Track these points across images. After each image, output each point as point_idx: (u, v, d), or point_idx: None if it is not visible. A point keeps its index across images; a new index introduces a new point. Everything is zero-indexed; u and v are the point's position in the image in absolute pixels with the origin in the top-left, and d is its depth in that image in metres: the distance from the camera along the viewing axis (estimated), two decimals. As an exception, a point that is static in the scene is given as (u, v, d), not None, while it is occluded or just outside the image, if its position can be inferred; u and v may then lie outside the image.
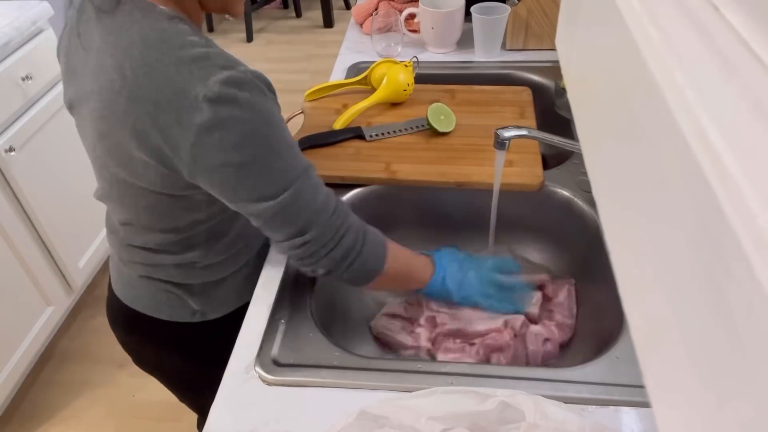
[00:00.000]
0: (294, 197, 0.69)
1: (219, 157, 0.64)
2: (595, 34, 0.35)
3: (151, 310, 0.88)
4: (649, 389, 0.24)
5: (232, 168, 0.65)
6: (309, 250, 0.72)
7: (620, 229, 0.28)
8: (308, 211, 0.70)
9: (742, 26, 0.20)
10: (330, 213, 0.72)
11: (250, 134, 0.64)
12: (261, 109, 0.65)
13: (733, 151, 0.17)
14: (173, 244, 0.81)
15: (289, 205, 0.69)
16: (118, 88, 0.65)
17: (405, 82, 1.13)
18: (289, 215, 0.70)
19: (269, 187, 0.68)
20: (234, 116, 0.63)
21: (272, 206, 0.68)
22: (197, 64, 0.63)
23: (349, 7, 3.87)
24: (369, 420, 0.63)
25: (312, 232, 0.71)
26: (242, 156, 0.64)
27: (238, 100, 0.63)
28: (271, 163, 0.66)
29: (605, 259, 0.88)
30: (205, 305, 0.88)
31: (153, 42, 0.64)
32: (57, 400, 1.74)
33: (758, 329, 0.15)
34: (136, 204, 0.77)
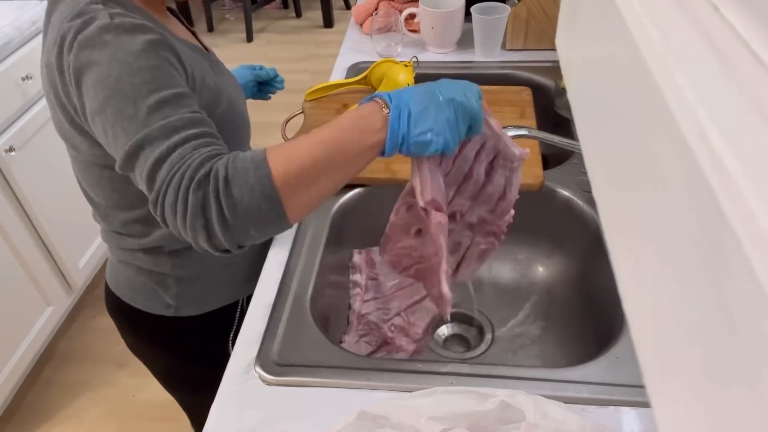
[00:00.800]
0: (142, 144, 0.60)
1: (88, 105, 0.64)
2: (595, 34, 0.35)
3: (129, 298, 0.89)
4: (649, 389, 0.24)
5: (96, 115, 0.64)
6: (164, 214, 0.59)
7: (620, 229, 0.28)
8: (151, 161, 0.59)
9: (742, 26, 0.20)
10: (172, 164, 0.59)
11: (104, 77, 0.62)
12: (120, 52, 0.63)
13: (733, 151, 0.17)
14: (134, 225, 0.81)
15: (137, 155, 0.60)
16: (42, 62, 0.71)
17: (405, 82, 1.13)
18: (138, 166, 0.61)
19: (121, 135, 0.61)
20: (91, 60, 0.63)
21: (124, 156, 0.61)
22: (85, 24, 0.64)
23: (349, 7, 3.87)
24: (369, 420, 0.63)
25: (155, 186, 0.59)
26: (98, 102, 0.63)
27: (98, 42, 0.63)
28: (122, 110, 0.61)
29: (605, 259, 0.88)
30: (179, 300, 0.87)
31: (67, 14, 0.66)
32: (57, 400, 1.74)
33: (758, 329, 0.15)
34: (87, 180, 0.79)
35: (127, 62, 0.62)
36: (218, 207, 0.56)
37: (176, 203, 0.57)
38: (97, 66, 0.62)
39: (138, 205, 0.79)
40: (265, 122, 1.80)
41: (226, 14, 3.99)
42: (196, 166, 0.58)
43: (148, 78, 0.62)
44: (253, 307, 0.83)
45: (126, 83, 0.62)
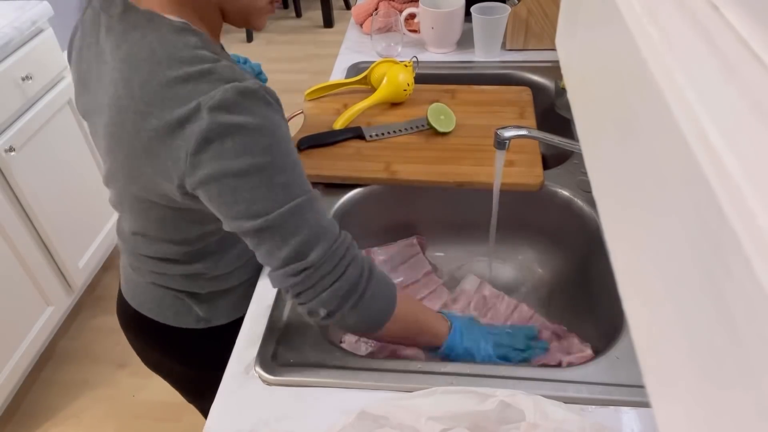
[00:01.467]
0: (292, 214, 0.64)
1: (216, 166, 0.62)
2: (595, 34, 0.35)
3: (156, 315, 0.88)
4: (649, 389, 0.24)
5: (229, 177, 0.62)
6: (308, 279, 0.65)
7: (620, 229, 0.28)
8: (308, 231, 0.65)
9: (742, 26, 0.20)
10: (333, 239, 0.66)
11: (250, 143, 0.62)
12: (263, 120, 0.63)
13: (733, 151, 0.17)
14: (183, 255, 0.81)
15: (287, 222, 0.64)
16: (127, 104, 0.65)
17: (405, 82, 1.13)
18: (285, 233, 0.64)
19: (266, 202, 0.63)
20: (234, 123, 0.61)
21: (267, 221, 0.63)
22: (204, 78, 0.62)
23: (349, 7, 3.87)
24: (369, 420, 0.63)
25: (312, 256, 0.65)
26: (240, 165, 0.62)
27: (240, 108, 0.61)
28: (272, 177, 0.63)
29: (605, 259, 0.88)
30: (211, 313, 0.88)
31: (161, 57, 0.63)
32: (57, 400, 1.74)
33: (758, 329, 0.15)
34: (147, 216, 0.77)
35: (273, 131, 0.63)
36: (359, 295, 0.68)
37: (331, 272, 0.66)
38: (243, 130, 0.61)
39: (194, 241, 0.79)
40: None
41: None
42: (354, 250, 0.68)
43: (290, 148, 0.65)
44: (253, 308, 0.83)
45: (276, 153, 0.63)
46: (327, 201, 0.99)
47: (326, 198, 0.99)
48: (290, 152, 0.65)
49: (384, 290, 0.71)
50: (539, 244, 1.06)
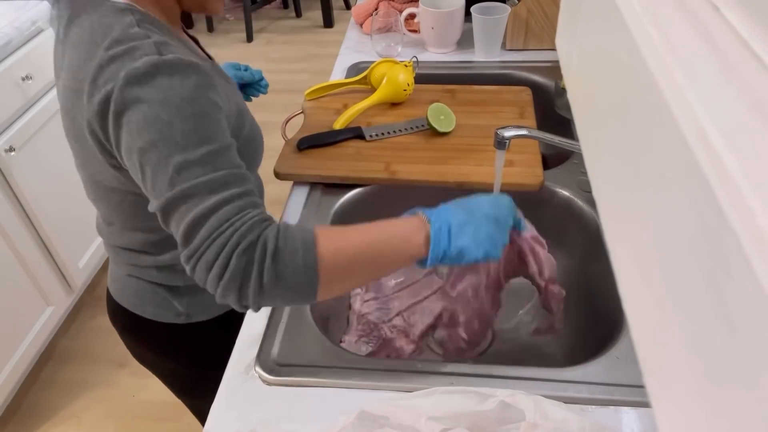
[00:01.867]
0: (186, 196, 0.60)
1: (128, 140, 0.62)
2: (595, 34, 0.35)
3: (137, 309, 0.88)
4: (649, 389, 0.24)
5: (135, 153, 0.62)
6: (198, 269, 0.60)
7: (620, 229, 0.28)
8: (194, 215, 0.60)
9: (742, 26, 0.20)
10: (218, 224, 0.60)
11: (153, 119, 0.60)
12: (170, 94, 0.61)
13: (733, 151, 0.17)
14: (152, 245, 0.81)
15: (179, 205, 0.60)
16: (69, 85, 0.67)
17: (405, 82, 1.13)
18: (179, 216, 0.61)
19: (164, 181, 0.60)
20: (140, 97, 0.60)
21: (164, 202, 0.61)
22: (128, 55, 0.62)
23: (349, 7, 3.87)
24: (369, 420, 0.63)
25: (194, 243, 0.60)
26: (142, 141, 0.61)
27: (148, 81, 0.61)
28: (169, 155, 0.60)
29: (605, 259, 0.88)
30: (191, 308, 0.87)
31: (97, 36, 0.64)
32: (57, 400, 1.74)
33: (758, 329, 0.15)
34: (109, 203, 0.78)
35: (179, 107, 0.61)
36: (259, 276, 0.59)
37: (215, 262, 0.59)
38: (145, 105, 0.60)
39: (158, 229, 0.76)
40: (265, 122, 1.79)
41: (226, 14, 3.99)
42: (245, 231, 0.60)
43: (199, 126, 0.62)
44: (253, 307, 0.83)
45: (177, 130, 0.60)
46: (327, 201, 0.99)
47: (326, 198, 0.99)
48: (200, 129, 0.61)
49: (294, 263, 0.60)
50: (539, 244, 1.06)
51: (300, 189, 1.02)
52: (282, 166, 1.02)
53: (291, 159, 1.04)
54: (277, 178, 1.02)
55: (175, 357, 0.93)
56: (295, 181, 1.03)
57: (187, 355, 0.93)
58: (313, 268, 0.60)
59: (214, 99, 0.64)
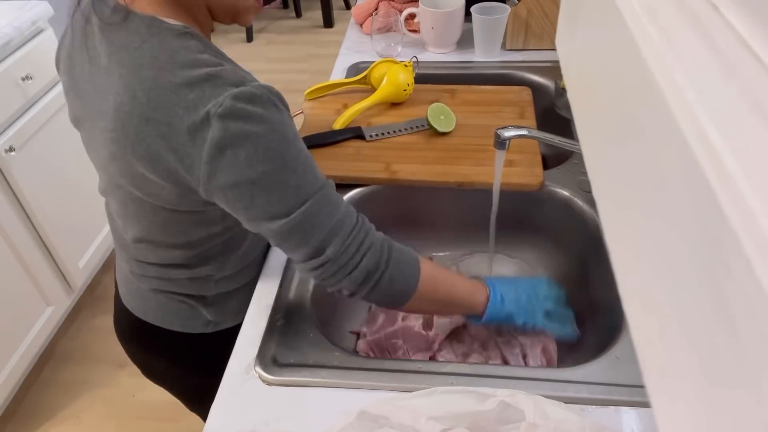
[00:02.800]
0: (308, 215, 0.66)
1: (232, 174, 0.63)
2: (595, 34, 0.35)
3: (163, 322, 0.87)
4: (649, 389, 0.24)
5: (245, 185, 0.63)
6: (328, 270, 0.69)
7: (620, 229, 0.28)
8: (323, 229, 0.67)
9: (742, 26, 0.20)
10: (348, 231, 0.69)
11: (263, 150, 0.62)
12: (274, 124, 0.63)
13: (733, 151, 0.17)
14: (188, 259, 0.80)
15: (302, 223, 0.66)
16: (129, 110, 0.64)
17: (405, 82, 1.13)
18: (303, 233, 0.67)
19: (283, 205, 0.65)
20: (246, 131, 0.61)
21: (286, 224, 0.66)
22: (209, 82, 0.62)
23: (349, 7, 3.87)
24: (369, 420, 0.63)
25: (328, 251, 0.68)
26: (255, 172, 0.63)
27: (250, 115, 0.61)
28: (286, 180, 0.64)
29: (605, 259, 0.88)
30: (219, 315, 0.87)
31: (163, 63, 0.63)
32: (57, 400, 1.74)
33: (758, 329, 0.15)
34: (151, 221, 0.76)
35: (283, 135, 0.64)
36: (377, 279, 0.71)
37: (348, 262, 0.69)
38: (253, 138, 0.61)
39: (199, 244, 0.78)
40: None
41: (227, 16, 3.99)
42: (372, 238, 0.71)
43: (298, 147, 0.66)
44: (253, 307, 0.83)
45: (288, 157, 0.64)
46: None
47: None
48: (300, 151, 0.66)
49: (404, 271, 0.73)
50: (539, 244, 1.06)
51: (300, 189, 1.02)
52: (282, 166, 1.02)
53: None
54: (277, 178, 1.02)
55: (199, 367, 0.92)
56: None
57: (212, 363, 0.90)
58: (413, 286, 0.73)
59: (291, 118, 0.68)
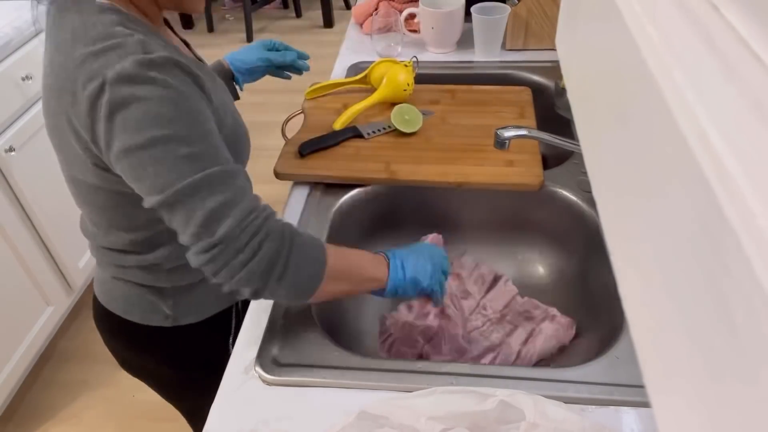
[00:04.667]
0: (197, 188, 0.62)
1: (123, 139, 0.61)
2: (595, 34, 0.35)
3: (125, 313, 0.86)
4: (649, 389, 0.24)
5: (135, 151, 0.61)
6: (220, 256, 0.63)
7: (620, 229, 0.28)
8: (215, 204, 0.62)
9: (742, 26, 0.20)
10: (245, 213, 0.64)
11: (151, 115, 0.61)
12: (166, 91, 0.61)
13: (733, 151, 0.17)
14: (138, 245, 0.79)
15: (192, 196, 0.62)
16: (50, 83, 0.67)
17: (405, 82, 1.13)
18: (192, 206, 0.62)
19: (170, 175, 0.62)
20: (135, 95, 0.60)
21: (172, 194, 0.62)
22: (113, 51, 0.61)
23: (349, 7, 3.87)
24: (369, 420, 0.63)
25: (220, 231, 0.62)
26: (143, 137, 0.61)
27: (141, 79, 0.60)
28: (175, 149, 0.62)
29: (605, 259, 0.88)
30: (177, 310, 0.85)
31: (79, 36, 0.64)
32: (57, 400, 1.74)
33: (758, 329, 0.15)
34: (92, 202, 0.77)
35: (176, 103, 0.62)
36: (285, 263, 0.66)
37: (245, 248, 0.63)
38: (143, 102, 0.60)
39: (143, 227, 0.77)
40: (265, 122, 1.79)
41: (226, 14, 3.99)
42: (272, 223, 0.66)
43: (196, 121, 0.63)
44: (253, 307, 0.83)
45: (179, 124, 0.62)
46: (327, 201, 0.99)
47: (326, 198, 0.99)
48: (198, 123, 0.64)
49: (310, 255, 0.69)
50: (539, 244, 1.06)
51: (300, 189, 1.02)
52: (282, 166, 1.02)
53: (291, 159, 1.04)
54: (277, 178, 1.02)
55: (166, 361, 0.92)
56: (295, 181, 1.03)
57: (175, 358, 0.91)
58: (322, 266, 0.69)
59: (201, 95, 0.66)
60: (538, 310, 0.94)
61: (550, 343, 0.88)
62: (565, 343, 0.89)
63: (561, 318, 0.90)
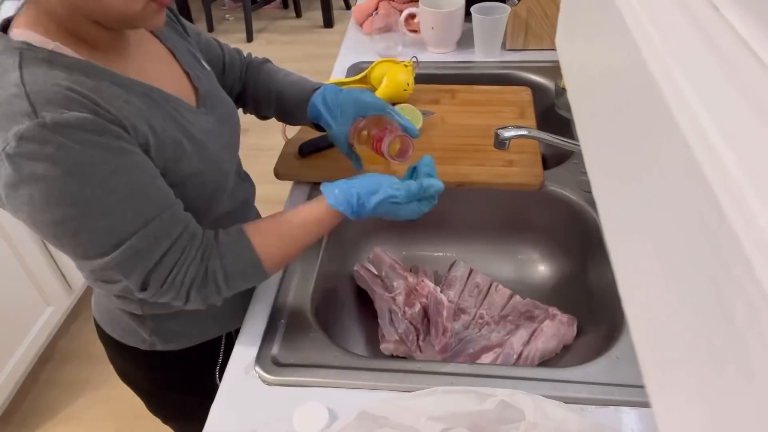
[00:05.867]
0: (126, 256, 0.61)
1: (32, 214, 0.57)
2: (595, 34, 0.35)
3: (109, 329, 0.85)
4: (649, 389, 0.24)
5: (45, 225, 0.58)
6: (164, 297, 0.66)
7: (620, 229, 0.28)
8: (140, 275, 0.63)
9: (742, 26, 0.20)
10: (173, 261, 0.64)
11: (58, 193, 0.56)
12: (71, 165, 0.55)
13: (733, 151, 0.17)
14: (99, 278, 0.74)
15: (121, 264, 0.61)
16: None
17: (405, 82, 1.13)
18: (123, 272, 0.62)
19: (94, 246, 0.60)
20: (37, 173, 0.54)
21: (100, 265, 0.61)
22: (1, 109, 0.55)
23: (349, 7, 3.87)
24: (369, 420, 0.63)
25: (150, 289, 0.65)
26: (53, 215, 0.57)
27: (40, 155, 0.54)
28: (91, 223, 0.59)
29: (605, 258, 0.88)
30: (156, 336, 0.82)
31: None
32: (57, 400, 1.74)
33: (758, 329, 0.15)
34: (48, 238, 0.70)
35: (84, 174, 0.56)
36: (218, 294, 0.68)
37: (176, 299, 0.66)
38: (45, 181, 0.55)
39: None
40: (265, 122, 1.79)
41: (226, 14, 3.99)
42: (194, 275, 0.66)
43: (113, 187, 0.58)
44: (253, 308, 0.83)
45: (91, 197, 0.57)
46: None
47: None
48: (111, 192, 0.58)
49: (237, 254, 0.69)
50: (539, 244, 1.06)
51: (300, 189, 1.02)
52: (282, 166, 1.02)
53: (291, 159, 1.04)
54: (277, 178, 1.02)
55: (149, 380, 0.90)
56: (295, 181, 1.03)
57: (159, 379, 0.89)
58: (258, 266, 0.70)
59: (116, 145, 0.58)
60: (539, 310, 0.94)
61: (552, 343, 0.88)
62: (567, 342, 0.89)
63: (562, 317, 0.90)
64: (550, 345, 0.88)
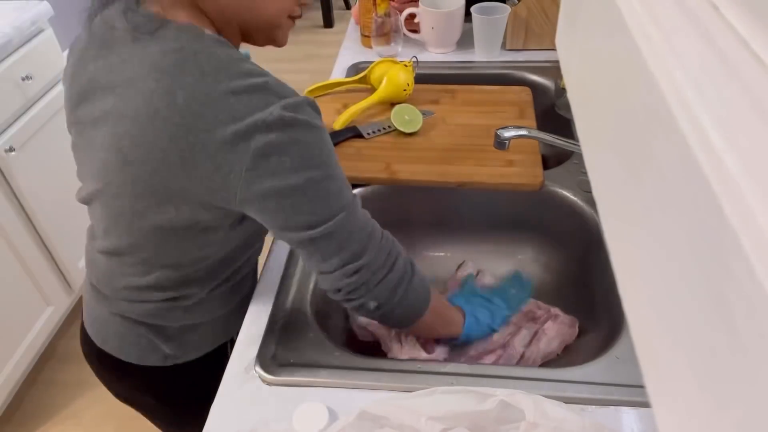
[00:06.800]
0: (347, 219, 0.67)
1: (275, 182, 0.62)
2: (595, 34, 0.35)
3: (119, 353, 0.83)
4: (649, 389, 0.24)
5: (287, 191, 0.63)
6: (362, 277, 0.69)
7: (620, 229, 0.28)
8: (362, 233, 0.68)
9: (742, 26, 0.20)
10: (380, 237, 0.70)
11: (308, 157, 0.63)
12: (315, 133, 0.64)
13: (733, 151, 0.17)
14: (168, 281, 0.75)
15: (343, 228, 0.67)
16: (166, 115, 0.61)
17: (405, 82, 1.13)
18: (343, 238, 0.67)
19: (325, 210, 0.65)
20: (294, 139, 0.62)
21: (327, 228, 0.66)
22: (257, 93, 0.61)
23: (349, 7, 3.87)
24: (369, 420, 0.63)
25: (366, 256, 0.68)
26: (301, 178, 0.63)
27: (299, 123, 0.62)
28: (328, 187, 0.65)
29: (605, 258, 0.88)
30: (178, 349, 0.83)
31: (208, 69, 0.61)
32: (57, 400, 1.74)
33: (758, 329, 0.15)
34: (145, 238, 0.71)
35: (323, 142, 0.65)
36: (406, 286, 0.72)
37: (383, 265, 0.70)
38: (302, 145, 0.62)
39: (190, 264, 0.75)
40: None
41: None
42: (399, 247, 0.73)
43: (334, 155, 0.67)
44: (253, 307, 0.83)
45: (328, 163, 0.65)
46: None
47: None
48: (337, 160, 0.67)
49: (423, 282, 0.75)
50: (539, 244, 1.06)
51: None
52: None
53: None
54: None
55: (159, 398, 0.90)
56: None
57: (172, 395, 0.89)
58: (428, 297, 0.76)
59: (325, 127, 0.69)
60: (541, 311, 0.94)
61: (554, 344, 0.88)
62: (569, 342, 0.89)
63: (564, 317, 0.90)
64: (552, 346, 0.88)
